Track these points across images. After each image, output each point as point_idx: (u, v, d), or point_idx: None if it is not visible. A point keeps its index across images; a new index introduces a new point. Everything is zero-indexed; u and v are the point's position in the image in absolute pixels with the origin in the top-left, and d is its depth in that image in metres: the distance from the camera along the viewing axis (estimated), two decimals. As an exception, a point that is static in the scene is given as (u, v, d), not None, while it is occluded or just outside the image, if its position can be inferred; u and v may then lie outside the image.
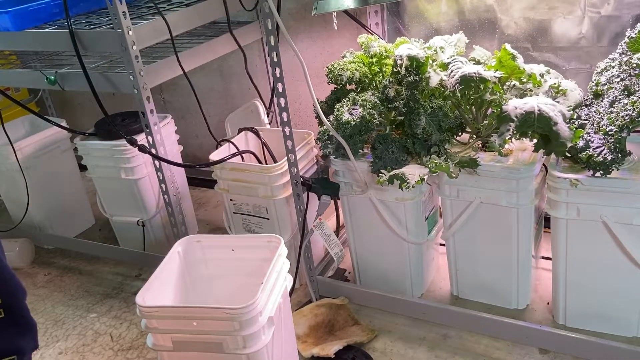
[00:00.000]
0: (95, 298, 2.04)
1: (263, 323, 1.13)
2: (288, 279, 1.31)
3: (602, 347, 1.40)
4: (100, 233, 2.47)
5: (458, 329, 1.61)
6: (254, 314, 1.10)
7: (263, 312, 1.13)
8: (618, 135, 1.28)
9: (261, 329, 1.13)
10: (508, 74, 1.51)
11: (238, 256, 1.37)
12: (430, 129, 1.46)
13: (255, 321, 1.11)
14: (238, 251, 1.37)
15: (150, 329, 1.19)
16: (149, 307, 1.16)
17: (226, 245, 1.38)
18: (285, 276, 1.28)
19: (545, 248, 1.73)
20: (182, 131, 2.22)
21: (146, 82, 1.68)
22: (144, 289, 1.23)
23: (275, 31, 1.42)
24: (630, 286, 1.41)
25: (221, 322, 1.12)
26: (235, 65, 2.38)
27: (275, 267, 1.22)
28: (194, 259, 1.40)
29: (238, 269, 1.37)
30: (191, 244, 1.39)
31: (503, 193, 1.46)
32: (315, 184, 1.66)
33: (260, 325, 1.12)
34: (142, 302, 1.17)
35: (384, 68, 1.68)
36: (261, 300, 1.12)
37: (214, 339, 1.14)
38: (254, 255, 1.34)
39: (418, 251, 1.67)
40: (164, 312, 1.16)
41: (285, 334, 1.29)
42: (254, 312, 1.10)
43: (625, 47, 1.41)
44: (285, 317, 1.30)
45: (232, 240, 1.41)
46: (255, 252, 1.34)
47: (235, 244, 1.38)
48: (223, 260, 1.39)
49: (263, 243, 1.32)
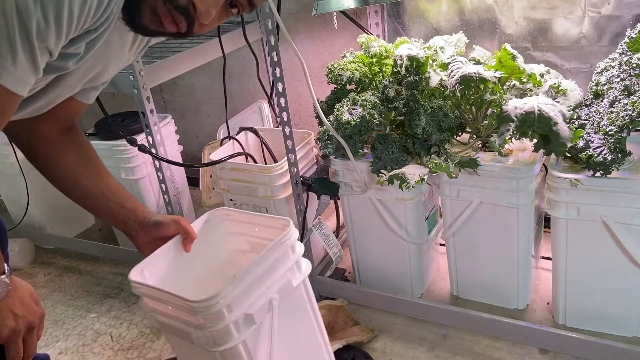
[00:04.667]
0: (95, 298, 2.04)
1: (234, 319, 1.00)
2: (302, 268, 1.13)
3: (602, 347, 1.40)
4: (100, 233, 2.47)
5: (458, 329, 1.61)
6: (217, 308, 0.97)
7: (234, 308, 1.00)
8: (618, 135, 1.28)
9: (231, 326, 1.00)
10: (508, 74, 1.51)
11: (259, 234, 1.24)
12: (430, 129, 1.46)
13: (220, 317, 0.99)
14: (260, 229, 1.24)
15: (144, 305, 1.11)
16: (136, 282, 1.08)
17: (250, 222, 1.25)
18: (289, 266, 1.10)
19: (545, 248, 1.73)
20: (182, 131, 2.22)
21: (146, 82, 1.68)
22: (144, 262, 1.13)
23: (275, 31, 1.42)
24: (630, 286, 1.41)
25: (187, 313, 1.01)
26: (235, 65, 2.38)
27: (267, 258, 1.05)
28: (221, 232, 1.27)
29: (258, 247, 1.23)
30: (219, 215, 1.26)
31: (503, 193, 1.46)
32: (315, 184, 1.66)
33: (229, 321, 0.99)
34: (133, 276, 1.09)
35: (384, 68, 1.68)
36: (229, 295, 0.99)
37: (184, 329, 1.04)
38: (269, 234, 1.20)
39: (418, 251, 1.67)
40: (146, 290, 1.07)
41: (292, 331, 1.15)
42: (217, 306, 0.97)
43: (626, 47, 1.41)
44: (292, 312, 1.14)
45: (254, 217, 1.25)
46: (269, 232, 1.20)
47: (257, 222, 1.23)
48: (248, 236, 1.27)
49: (277, 224, 1.18)
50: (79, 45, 0.81)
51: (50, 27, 0.72)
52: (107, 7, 0.77)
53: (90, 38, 0.81)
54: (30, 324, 0.90)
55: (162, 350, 1.74)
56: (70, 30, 0.75)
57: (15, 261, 2.28)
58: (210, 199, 2.01)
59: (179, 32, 0.86)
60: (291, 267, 1.10)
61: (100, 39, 0.83)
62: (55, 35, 0.73)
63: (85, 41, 0.81)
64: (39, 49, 0.73)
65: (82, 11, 0.73)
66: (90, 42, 0.82)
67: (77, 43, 0.80)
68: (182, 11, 0.82)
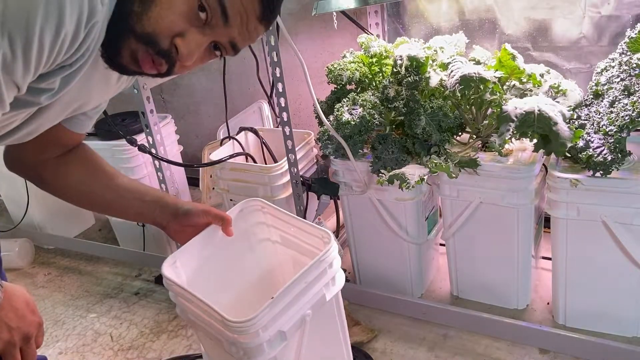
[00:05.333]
0: (95, 298, 2.04)
1: (267, 338, 1.01)
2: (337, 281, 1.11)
3: (602, 347, 1.40)
4: (100, 233, 2.47)
5: (458, 329, 1.61)
6: (254, 330, 0.99)
7: (269, 327, 1.01)
8: (618, 136, 1.28)
9: (264, 343, 1.01)
10: (508, 74, 1.51)
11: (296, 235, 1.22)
12: (430, 129, 1.46)
13: (255, 336, 1.00)
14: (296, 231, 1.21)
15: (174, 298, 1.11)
16: (168, 278, 1.06)
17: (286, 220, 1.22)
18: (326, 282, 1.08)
19: (545, 248, 1.73)
20: (182, 131, 2.22)
21: (146, 82, 1.67)
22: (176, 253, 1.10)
23: (275, 31, 1.42)
24: (630, 286, 1.41)
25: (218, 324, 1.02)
26: (235, 66, 2.38)
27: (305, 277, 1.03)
28: (254, 221, 1.25)
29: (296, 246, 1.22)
30: (253, 205, 1.24)
31: (503, 193, 1.46)
32: (315, 184, 1.66)
33: (262, 340, 1.00)
34: (166, 270, 1.07)
35: (384, 68, 1.68)
36: (265, 316, 0.99)
37: (216, 335, 1.05)
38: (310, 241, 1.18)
39: (418, 251, 1.67)
40: (177, 289, 1.07)
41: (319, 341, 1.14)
42: (253, 328, 0.98)
43: (625, 47, 1.41)
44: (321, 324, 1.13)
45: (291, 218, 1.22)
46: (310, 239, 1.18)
47: (294, 224, 1.21)
48: (281, 231, 1.25)
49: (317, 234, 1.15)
50: (53, 80, 0.76)
51: (18, 60, 0.66)
52: (82, 43, 0.72)
53: (65, 74, 0.76)
54: (26, 334, 0.87)
55: (162, 351, 1.74)
56: (40, 65, 0.69)
57: (15, 261, 2.28)
58: (210, 199, 2.01)
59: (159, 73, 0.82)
60: (327, 282, 1.08)
61: (77, 75, 0.78)
62: (22, 69, 0.68)
63: (59, 77, 0.76)
64: (4, 82, 0.68)
65: (53, 45, 0.68)
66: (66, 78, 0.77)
67: (50, 78, 0.75)
68: (164, 54, 0.78)
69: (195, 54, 0.81)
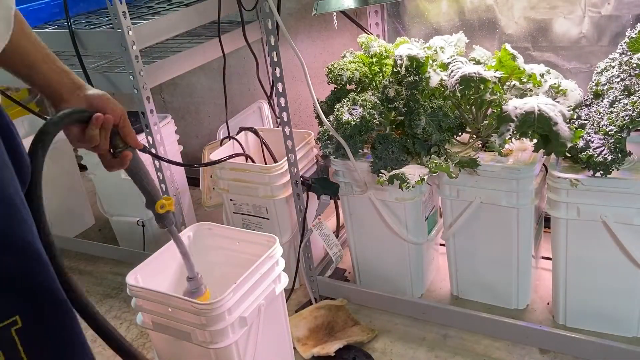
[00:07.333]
0: (95, 298, 2.04)
1: (231, 321, 1.17)
2: (282, 280, 1.34)
3: (602, 347, 1.40)
4: (100, 233, 2.47)
5: (458, 329, 1.61)
6: (220, 311, 1.15)
7: (233, 311, 1.18)
8: (618, 136, 1.28)
9: (229, 327, 1.17)
10: (508, 74, 1.51)
11: (240, 249, 1.43)
12: (430, 129, 1.46)
13: (221, 319, 1.16)
14: (241, 245, 1.43)
15: (137, 307, 1.29)
16: (134, 286, 1.26)
17: (232, 237, 1.45)
18: (274, 278, 1.31)
19: (545, 248, 1.73)
20: (182, 131, 2.22)
21: (146, 82, 1.67)
22: (138, 268, 1.32)
23: (275, 31, 1.42)
24: (630, 286, 1.41)
25: (190, 314, 1.17)
26: (235, 65, 2.38)
27: (259, 269, 1.25)
28: (202, 245, 1.46)
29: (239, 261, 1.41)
30: (202, 230, 1.46)
31: (503, 193, 1.46)
32: (315, 184, 1.66)
33: (227, 323, 1.16)
34: (130, 280, 1.28)
35: (384, 68, 1.68)
36: (230, 300, 1.16)
37: (184, 328, 1.20)
38: (253, 250, 1.38)
39: (418, 251, 1.67)
40: (145, 293, 1.24)
41: (270, 335, 1.33)
42: (220, 309, 1.14)
43: (626, 47, 1.41)
44: (271, 318, 1.33)
45: (238, 233, 1.46)
46: (254, 248, 1.38)
47: (240, 237, 1.44)
48: (227, 250, 1.45)
49: (262, 241, 1.37)
50: None
51: None
52: None
53: None
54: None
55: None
56: None
57: (15, 261, 2.28)
58: (211, 199, 2.01)
59: None
60: (275, 278, 1.32)
61: None
62: None
63: None
64: None
65: None
66: None
67: None
68: None
69: None
